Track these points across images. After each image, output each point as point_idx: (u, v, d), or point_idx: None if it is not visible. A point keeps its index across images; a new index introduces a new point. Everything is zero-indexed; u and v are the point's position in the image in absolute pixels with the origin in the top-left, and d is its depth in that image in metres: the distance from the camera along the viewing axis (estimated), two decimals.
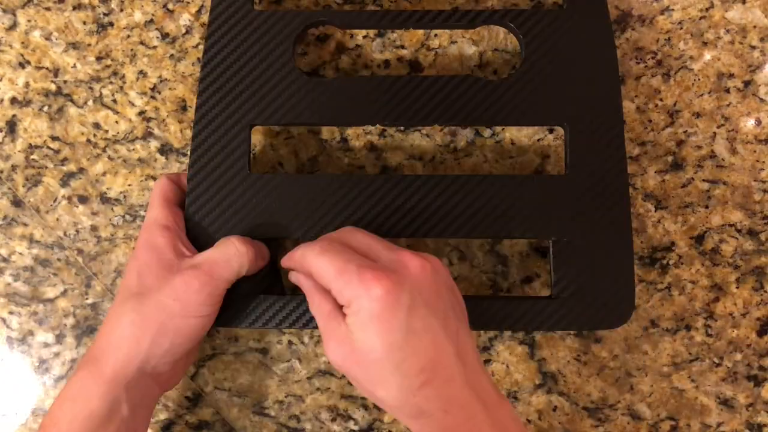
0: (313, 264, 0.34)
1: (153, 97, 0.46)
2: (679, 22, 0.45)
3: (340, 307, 0.34)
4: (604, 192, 0.39)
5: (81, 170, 0.45)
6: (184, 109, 0.45)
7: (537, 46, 0.41)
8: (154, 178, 0.45)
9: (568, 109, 0.40)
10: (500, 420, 0.32)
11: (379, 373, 0.32)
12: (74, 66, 0.46)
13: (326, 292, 0.35)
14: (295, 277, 0.38)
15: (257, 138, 0.45)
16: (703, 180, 0.44)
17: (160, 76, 0.46)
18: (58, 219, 0.45)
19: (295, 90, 0.41)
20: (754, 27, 0.44)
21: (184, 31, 0.46)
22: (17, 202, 0.45)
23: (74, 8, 0.46)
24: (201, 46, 0.46)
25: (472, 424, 0.32)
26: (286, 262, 0.38)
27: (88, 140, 0.46)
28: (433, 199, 0.40)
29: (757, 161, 0.44)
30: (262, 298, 0.39)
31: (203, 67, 0.41)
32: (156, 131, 0.45)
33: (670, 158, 0.44)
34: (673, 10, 0.45)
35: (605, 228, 0.39)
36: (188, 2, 0.46)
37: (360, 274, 0.32)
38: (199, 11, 0.46)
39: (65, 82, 0.46)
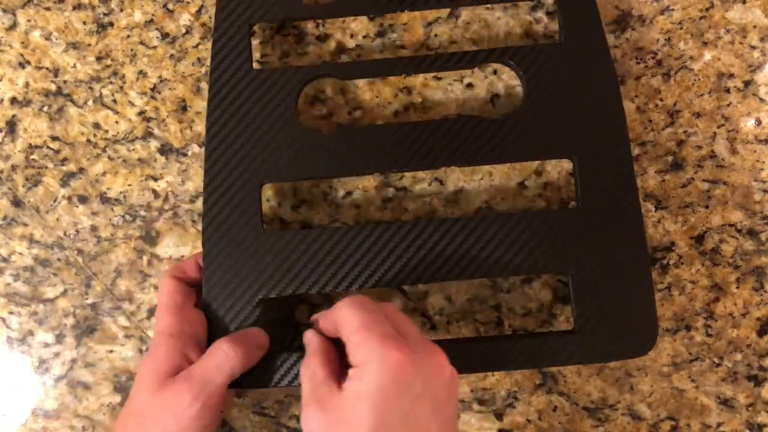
0: (342, 311, 0.34)
1: (153, 97, 0.46)
2: (679, 22, 0.45)
3: (340, 374, 0.33)
4: (618, 221, 0.40)
5: (81, 170, 0.45)
6: (184, 109, 0.45)
7: (538, 82, 0.41)
8: (154, 178, 0.45)
9: (575, 142, 0.40)
10: None
11: None
12: (74, 66, 0.46)
13: (329, 360, 0.34)
14: (308, 337, 0.37)
15: None
16: (703, 180, 0.44)
17: (160, 76, 0.46)
18: (58, 219, 0.45)
19: (299, 146, 0.41)
20: (754, 27, 0.44)
21: (184, 31, 0.46)
22: (17, 202, 0.45)
23: (74, 8, 0.46)
24: (201, 46, 0.46)
25: None
26: (315, 316, 0.38)
27: (88, 140, 0.46)
28: (448, 242, 0.39)
29: (757, 161, 0.44)
30: (286, 356, 0.39)
31: (209, 129, 0.41)
32: (156, 131, 0.45)
33: (670, 158, 0.44)
34: (673, 10, 0.45)
35: (622, 257, 0.39)
36: (188, 2, 0.46)
37: (384, 338, 0.31)
38: (199, 11, 0.46)
39: (65, 82, 0.46)
